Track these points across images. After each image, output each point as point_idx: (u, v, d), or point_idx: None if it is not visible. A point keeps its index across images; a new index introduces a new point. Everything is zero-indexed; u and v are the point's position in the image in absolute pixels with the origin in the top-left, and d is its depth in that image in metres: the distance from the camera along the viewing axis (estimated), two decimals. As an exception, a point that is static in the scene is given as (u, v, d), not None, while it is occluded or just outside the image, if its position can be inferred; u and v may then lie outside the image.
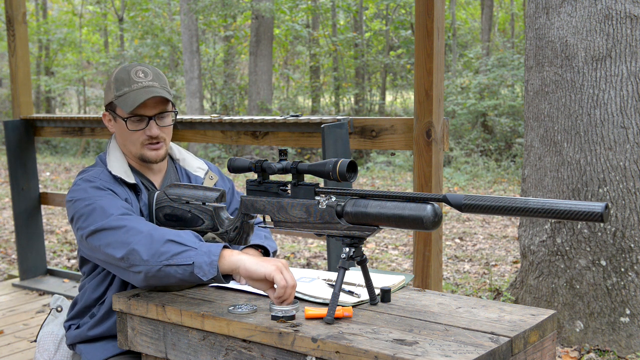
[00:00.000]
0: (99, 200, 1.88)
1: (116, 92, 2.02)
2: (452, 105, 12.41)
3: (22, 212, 4.78)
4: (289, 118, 3.32)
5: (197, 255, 1.69)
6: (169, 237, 1.73)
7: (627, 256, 3.57)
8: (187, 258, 1.69)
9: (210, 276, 1.68)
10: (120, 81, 2.01)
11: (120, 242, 1.78)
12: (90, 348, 2.07)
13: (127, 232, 1.78)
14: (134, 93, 1.99)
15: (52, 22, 19.58)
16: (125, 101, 1.99)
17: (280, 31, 16.67)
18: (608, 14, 3.56)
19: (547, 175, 3.79)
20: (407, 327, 1.58)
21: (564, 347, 3.61)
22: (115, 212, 1.84)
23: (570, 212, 1.35)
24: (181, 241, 1.73)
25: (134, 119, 2.02)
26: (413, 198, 1.54)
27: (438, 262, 2.98)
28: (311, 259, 6.04)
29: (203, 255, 1.69)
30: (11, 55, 4.81)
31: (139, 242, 1.75)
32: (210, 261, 1.68)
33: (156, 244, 1.73)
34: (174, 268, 1.71)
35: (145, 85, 2.00)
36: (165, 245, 1.72)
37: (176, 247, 1.72)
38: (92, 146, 15.79)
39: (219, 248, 1.70)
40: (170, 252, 1.71)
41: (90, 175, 2.00)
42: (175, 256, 1.70)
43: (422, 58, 2.87)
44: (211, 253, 1.69)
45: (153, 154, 2.06)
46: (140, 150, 2.05)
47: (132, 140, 2.04)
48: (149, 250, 1.73)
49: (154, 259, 1.72)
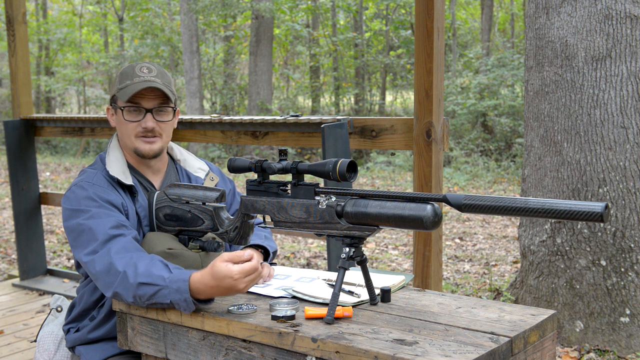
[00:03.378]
0: (88, 220, 1.90)
1: (119, 85, 2.05)
2: (452, 105, 12.41)
3: (22, 212, 4.78)
4: (289, 118, 3.32)
5: (170, 293, 1.72)
6: (140, 279, 1.76)
7: (627, 256, 3.57)
8: (164, 297, 1.73)
9: (190, 310, 1.72)
10: (124, 75, 2.05)
11: (105, 283, 1.82)
12: (90, 349, 2.07)
13: (109, 272, 1.81)
14: (134, 85, 2.01)
15: (52, 22, 19.58)
16: (125, 92, 2.02)
17: (280, 31, 16.67)
18: (608, 14, 3.56)
19: (547, 175, 3.79)
20: (407, 327, 1.57)
21: (564, 347, 3.61)
22: (101, 236, 1.86)
23: (570, 212, 1.35)
24: (151, 281, 1.75)
25: (131, 109, 2.04)
26: (413, 198, 1.54)
27: (438, 262, 2.98)
28: (311, 259, 6.04)
29: (175, 294, 1.71)
30: (11, 55, 4.81)
31: (119, 285, 1.79)
32: (184, 298, 1.71)
33: (132, 288, 1.76)
34: (158, 305, 1.77)
35: (146, 79, 2.03)
36: (140, 289, 1.75)
37: (149, 289, 1.75)
38: (92, 146, 15.78)
39: (186, 283, 1.71)
40: (146, 295, 1.75)
41: (85, 181, 2.00)
42: (152, 297, 1.75)
43: (422, 58, 2.87)
44: (181, 291, 1.71)
45: (147, 147, 2.06)
46: (135, 143, 2.06)
47: (127, 131, 2.05)
48: (129, 293, 1.77)
49: (136, 300, 1.78)
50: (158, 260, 1.80)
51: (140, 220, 2.04)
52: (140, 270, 1.76)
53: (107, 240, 1.86)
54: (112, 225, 1.90)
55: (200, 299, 1.72)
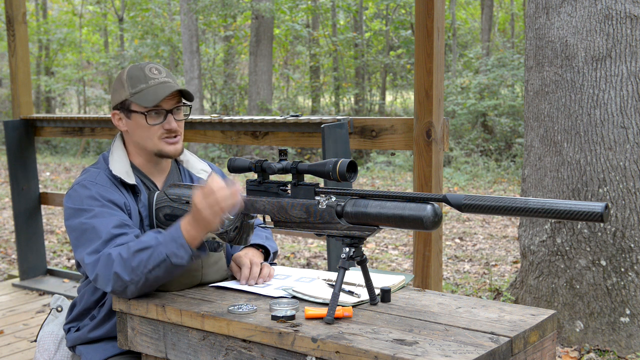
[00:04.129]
0: (91, 219, 1.91)
1: (132, 90, 2.01)
2: (452, 105, 12.41)
3: (22, 212, 4.78)
4: (289, 118, 3.32)
5: (165, 247, 1.76)
6: (133, 249, 1.79)
7: (627, 256, 3.57)
8: (159, 255, 1.75)
9: (188, 257, 1.75)
10: (135, 79, 2.02)
11: (104, 276, 1.83)
12: (90, 349, 2.07)
13: (107, 263, 1.82)
14: (153, 88, 2.00)
15: (52, 22, 19.58)
16: (144, 96, 1.99)
17: (280, 31, 16.67)
18: (608, 14, 3.57)
19: (547, 175, 3.79)
20: (407, 327, 1.58)
21: (564, 347, 3.61)
22: (105, 235, 1.88)
23: (570, 212, 1.35)
24: (144, 246, 1.78)
25: (153, 113, 2.02)
26: (413, 198, 1.54)
27: (438, 262, 2.98)
28: (311, 259, 6.04)
29: (170, 244, 1.75)
30: (11, 55, 4.81)
31: (117, 266, 1.80)
32: (180, 244, 1.75)
33: (128, 262, 1.78)
34: (154, 271, 1.77)
35: (162, 81, 2.02)
36: (135, 259, 1.77)
37: (144, 254, 1.77)
38: (92, 146, 15.78)
39: (178, 229, 1.76)
40: (142, 262, 1.77)
41: (88, 180, 2.00)
42: (148, 261, 1.76)
43: (422, 58, 2.87)
44: (175, 237, 1.75)
45: (172, 148, 2.07)
46: (159, 145, 2.05)
47: (149, 135, 2.04)
48: (126, 270, 1.78)
49: (134, 275, 1.78)
50: (151, 231, 1.85)
51: (143, 220, 2.04)
52: (132, 244, 1.81)
53: (110, 239, 1.87)
54: (115, 225, 1.90)
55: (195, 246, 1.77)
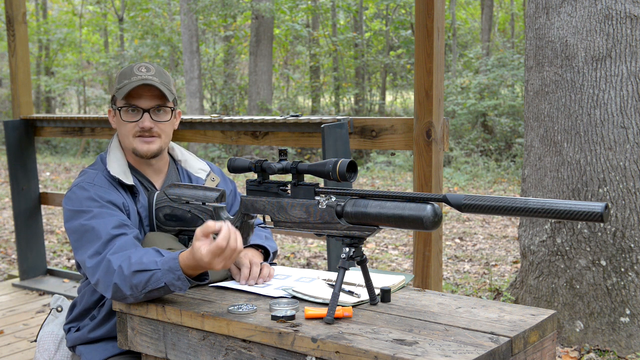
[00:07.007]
0: (90, 220, 1.91)
1: (117, 85, 2.06)
2: (452, 105, 12.40)
3: (22, 212, 4.78)
4: (289, 118, 3.32)
5: (163, 275, 1.74)
6: (134, 268, 1.77)
7: (627, 256, 3.57)
8: (158, 281, 1.75)
9: (186, 288, 1.75)
10: (122, 75, 2.06)
11: (104, 283, 1.83)
12: (90, 349, 2.07)
13: (107, 271, 1.82)
14: (130, 84, 2.02)
15: (52, 22, 19.58)
16: (122, 91, 2.02)
17: (280, 31, 16.67)
18: (608, 14, 3.56)
19: (547, 175, 3.79)
20: (407, 327, 1.57)
21: (564, 347, 3.61)
22: (104, 236, 1.87)
23: (570, 212, 1.35)
24: (144, 268, 1.76)
25: (128, 110, 2.04)
26: (413, 198, 1.54)
27: (438, 262, 2.98)
28: (311, 259, 6.04)
29: (168, 275, 1.74)
30: (11, 55, 4.81)
31: (117, 278, 1.79)
32: (177, 277, 1.73)
33: (128, 279, 1.78)
34: (154, 292, 1.77)
35: (144, 77, 2.02)
36: (134, 278, 1.77)
37: (143, 276, 1.76)
38: (92, 146, 15.78)
39: (176, 261, 1.74)
40: (141, 282, 1.76)
41: (86, 182, 2.01)
42: (147, 283, 1.76)
43: (422, 58, 2.87)
44: (173, 269, 1.73)
45: (145, 147, 2.05)
46: (133, 143, 2.06)
47: (126, 132, 2.06)
48: (126, 285, 1.78)
49: (133, 291, 1.78)
50: (152, 249, 1.83)
51: (142, 220, 2.04)
52: (134, 260, 1.79)
53: (110, 240, 1.87)
54: (115, 225, 1.90)
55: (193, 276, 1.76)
